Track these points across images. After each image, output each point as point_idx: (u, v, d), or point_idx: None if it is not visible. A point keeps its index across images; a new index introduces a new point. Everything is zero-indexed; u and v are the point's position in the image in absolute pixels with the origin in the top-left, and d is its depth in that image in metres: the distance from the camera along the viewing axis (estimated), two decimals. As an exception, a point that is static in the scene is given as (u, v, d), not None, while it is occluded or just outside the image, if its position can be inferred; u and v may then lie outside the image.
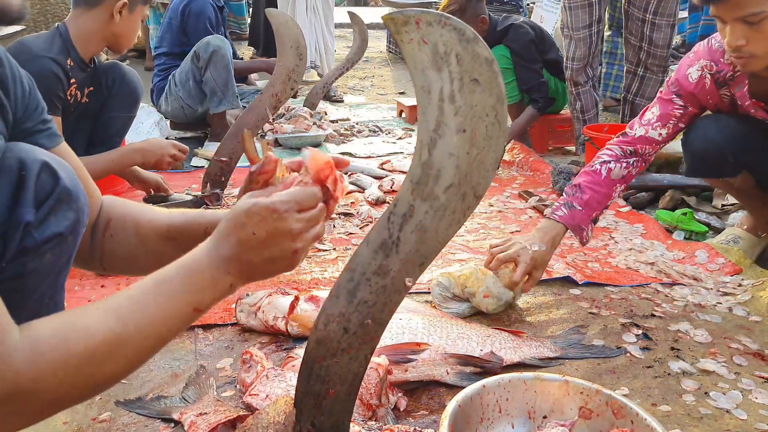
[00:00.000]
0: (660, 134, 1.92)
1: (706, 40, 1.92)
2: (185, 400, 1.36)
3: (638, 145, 1.91)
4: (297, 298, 1.59)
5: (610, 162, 1.89)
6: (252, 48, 6.44)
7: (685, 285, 1.97)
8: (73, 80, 2.14)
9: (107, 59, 2.42)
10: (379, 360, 1.30)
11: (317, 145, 3.62)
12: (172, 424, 1.29)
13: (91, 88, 2.25)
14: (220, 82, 3.51)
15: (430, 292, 1.89)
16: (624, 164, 1.89)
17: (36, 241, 0.90)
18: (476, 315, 1.76)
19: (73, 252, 1.00)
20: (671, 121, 1.92)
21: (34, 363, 0.69)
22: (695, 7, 3.87)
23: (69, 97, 2.15)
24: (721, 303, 1.85)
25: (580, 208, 1.83)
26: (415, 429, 1.20)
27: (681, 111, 1.93)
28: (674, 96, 1.93)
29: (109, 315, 0.76)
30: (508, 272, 1.72)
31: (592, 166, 1.90)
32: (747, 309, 1.81)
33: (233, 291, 0.83)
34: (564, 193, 1.90)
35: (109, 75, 2.31)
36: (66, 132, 2.23)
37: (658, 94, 1.98)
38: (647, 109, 1.99)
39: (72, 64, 2.12)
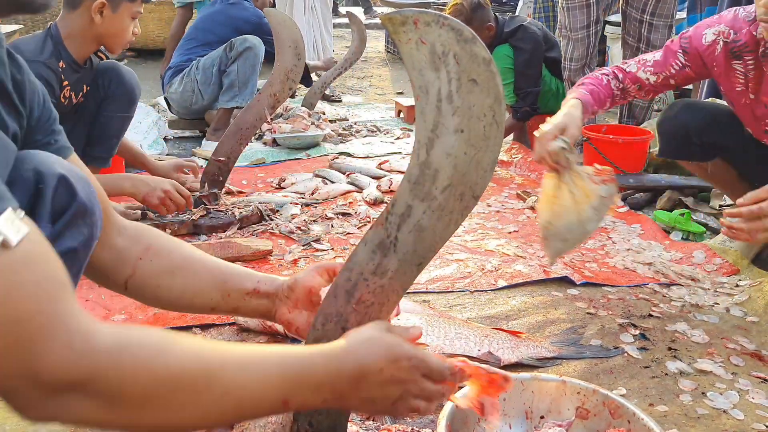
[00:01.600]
0: (648, 78, 1.96)
1: (735, 8, 1.90)
2: (183, 399, 1.36)
3: (627, 79, 1.97)
4: (295, 298, 1.59)
5: (609, 75, 1.97)
6: None
7: (682, 285, 1.97)
8: (66, 82, 2.12)
9: (103, 58, 2.40)
10: None
11: (315, 144, 3.62)
12: (170, 424, 1.29)
13: (87, 88, 2.24)
14: (242, 78, 3.51)
15: (428, 292, 1.90)
16: (614, 84, 1.96)
17: None
18: (475, 315, 1.76)
19: (83, 265, 0.99)
20: (664, 73, 1.95)
21: (118, 355, 0.66)
22: (694, 8, 3.87)
23: (63, 99, 2.14)
24: (718, 303, 1.86)
25: (586, 92, 1.90)
26: (412, 429, 1.20)
27: (678, 68, 1.93)
28: (680, 51, 1.92)
29: (205, 352, 0.73)
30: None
31: (593, 75, 1.99)
32: (744, 309, 1.81)
33: (318, 406, 0.81)
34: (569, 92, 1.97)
35: (105, 75, 2.30)
36: None
37: (668, 43, 1.99)
38: (652, 51, 2.08)
39: (64, 66, 2.10)
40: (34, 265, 0.64)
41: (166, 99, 3.82)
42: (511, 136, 3.61)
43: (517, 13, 5.27)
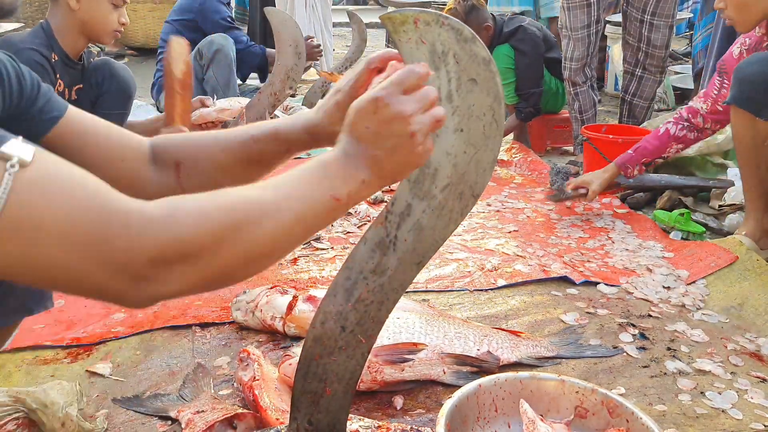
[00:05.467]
0: (701, 107, 2.30)
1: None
2: (182, 398, 1.36)
3: (689, 113, 2.33)
4: (295, 298, 1.59)
5: (669, 123, 2.38)
6: None
7: (681, 285, 1.97)
8: (58, 75, 2.12)
9: (98, 55, 2.40)
10: None
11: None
12: (170, 422, 1.30)
13: (80, 86, 2.23)
14: (222, 81, 3.52)
15: (427, 291, 1.90)
16: (680, 126, 2.35)
17: None
18: (474, 314, 1.77)
19: None
20: (710, 99, 2.26)
21: (173, 217, 0.69)
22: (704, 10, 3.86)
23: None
24: (717, 303, 1.86)
25: (631, 152, 2.43)
26: (411, 428, 1.20)
27: (717, 88, 2.21)
28: (717, 74, 2.21)
29: (248, 189, 0.75)
30: None
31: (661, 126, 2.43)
32: (743, 309, 1.81)
33: (369, 189, 0.81)
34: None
35: (98, 73, 2.28)
36: None
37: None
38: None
39: (56, 59, 2.10)
40: (60, 171, 0.67)
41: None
42: (511, 135, 3.61)
43: None
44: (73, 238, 0.64)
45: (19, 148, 0.65)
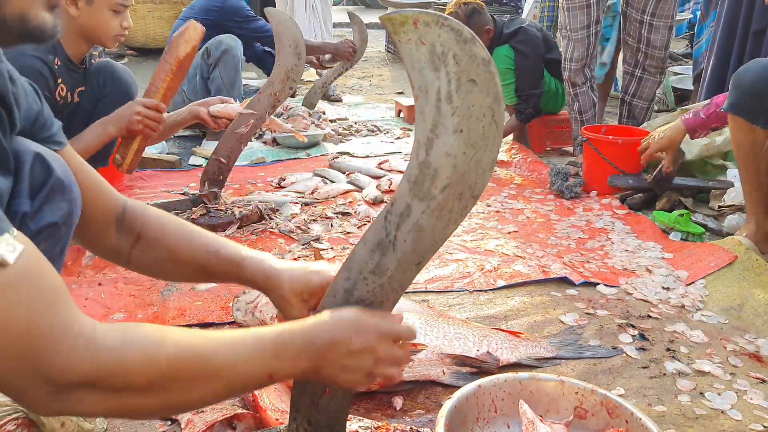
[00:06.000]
0: None
1: None
2: (182, 398, 1.36)
3: None
4: (294, 297, 1.59)
5: None
6: None
7: (680, 285, 1.97)
8: (60, 80, 2.11)
9: (99, 57, 2.39)
10: None
11: (316, 144, 3.63)
12: (169, 422, 1.30)
13: (82, 88, 2.23)
14: (227, 81, 3.51)
15: (427, 292, 1.90)
16: None
17: (31, 231, 0.91)
18: (474, 315, 1.77)
19: (67, 242, 1.00)
20: None
21: (122, 351, 0.72)
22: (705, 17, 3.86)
23: (59, 98, 2.12)
24: (717, 304, 1.86)
25: (704, 116, 2.37)
26: (411, 428, 1.20)
27: None
28: None
29: (197, 340, 0.79)
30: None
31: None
32: (743, 310, 1.81)
33: (302, 377, 0.87)
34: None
35: (100, 75, 2.28)
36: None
37: None
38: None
39: (59, 63, 2.09)
40: (32, 278, 0.68)
41: None
42: (510, 136, 3.62)
43: (524, 15, 5.24)
44: (20, 345, 0.66)
45: (6, 246, 0.66)
